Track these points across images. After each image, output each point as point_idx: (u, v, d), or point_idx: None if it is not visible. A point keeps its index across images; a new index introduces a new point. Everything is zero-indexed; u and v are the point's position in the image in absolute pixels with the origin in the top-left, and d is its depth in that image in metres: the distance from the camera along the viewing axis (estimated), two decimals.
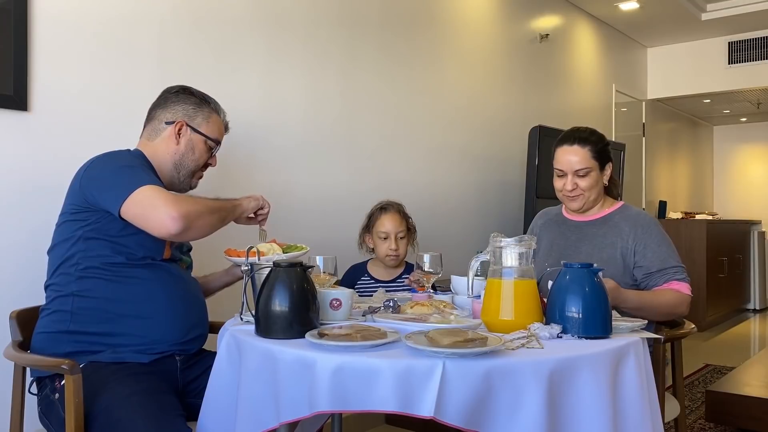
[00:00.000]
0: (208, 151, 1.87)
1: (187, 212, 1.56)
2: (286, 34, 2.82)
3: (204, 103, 1.88)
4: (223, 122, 1.93)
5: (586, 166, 2.08)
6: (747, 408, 2.93)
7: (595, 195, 2.12)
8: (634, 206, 2.19)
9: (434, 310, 1.62)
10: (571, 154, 2.10)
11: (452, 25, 3.82)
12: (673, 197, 7.20)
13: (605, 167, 2.13)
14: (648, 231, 2.05)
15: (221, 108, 1.93)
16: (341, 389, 1.19)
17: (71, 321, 1.62)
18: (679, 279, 1.99)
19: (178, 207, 1.55)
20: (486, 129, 4.12)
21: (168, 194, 1.59)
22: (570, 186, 2.10)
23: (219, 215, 1.71)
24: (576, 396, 1.25)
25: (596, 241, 2.10)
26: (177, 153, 1.81)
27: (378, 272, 2.56)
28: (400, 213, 2.53)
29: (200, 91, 1.90)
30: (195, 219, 1.59)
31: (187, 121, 1.83)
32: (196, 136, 1.83)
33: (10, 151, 1.97)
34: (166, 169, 1.81)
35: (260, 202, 1.88)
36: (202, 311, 1.81)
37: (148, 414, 1.46)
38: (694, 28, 5.81)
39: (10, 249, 1.91)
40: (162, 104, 1.85)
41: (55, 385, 1.61)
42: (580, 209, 2.15)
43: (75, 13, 2.12)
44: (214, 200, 1.74)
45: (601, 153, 2.11)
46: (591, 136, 2.14)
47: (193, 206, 1.60)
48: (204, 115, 1.86)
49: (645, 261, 2.02)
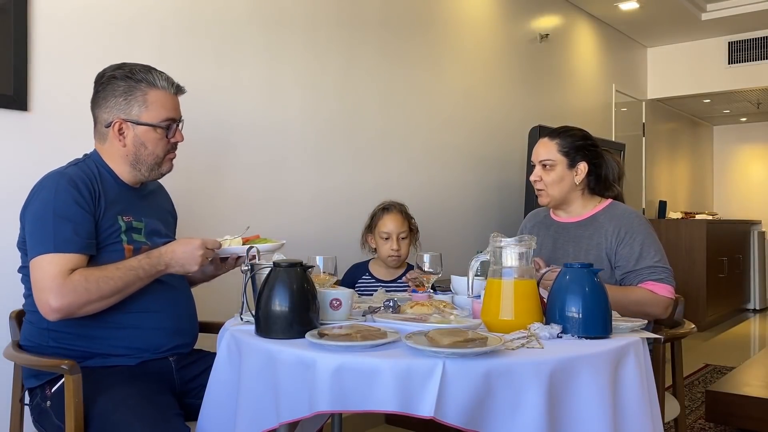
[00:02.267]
0: (164, 136, 1.68)
1: (69, 305, 1.48)
2: (286, 34, 2.82)
3: (133, 84, 1.63)
4: (169, 91, 1.68)
5: (550, 158, 2.09)
6: (747, 408, 2.93)
7: (559, 193, 2.10)
8: (623, 205, 2.16)
9: (434, 310, 1.62)
10: (540, 146, 2.13)
11: (452, 25, 3.82)
12: (673, 197, 7.20)
13: (577, 165, 2.09)
14: (630, 230, 2.02)
15: (158, 75, 1.67)
16: (341, 389, 1.19)
17: (50, 338, 1.61)
18: (655, 279, 1.95)
19: (60, 298, 1.47)
20: (485, 129, 4.12)
21: (59, 279, 1.48)
22: (534, 177, 2.13)
23: (123, 294, 1.55)
24: (576, 396, 1.25)
25: (582, 243, 2.09)
26: (128, 154, 1.66)
27: (379, 272, 2.57)
28: (402, 213, 2.53)
29: (130, 67, 1.66)
30: (78, 308, 1.50)
31: (124, 117, 1.63)
32: (140, 128, 1.64)
33: (10, 151, 1.97)
34: (125, 170, 1.69)
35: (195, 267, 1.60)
36: (186, 314, 1.76)
37: (145, 415, 1.46)
38: (694, 28, 5.81)
39: (10, 249, 1.90)
40: (95, 101, 1.68)
41: (45, 393, 1.60)
42: (547, 206, 2.17)
43: (75, 13, 2.12)
44: (126, 271, 1.55)
45: (573, 149, 2.09)
46: (566, 132, 2.13)
47: (82, 296, 1.49)
48: (138, 101, 1.63)
49: (621, 260, 2.00)
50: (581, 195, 2.14)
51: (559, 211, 2.20)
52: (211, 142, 2.52)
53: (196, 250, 1.59)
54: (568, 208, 2.16)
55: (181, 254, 1.59)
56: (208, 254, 1.63)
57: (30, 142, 2.01)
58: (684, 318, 2.22)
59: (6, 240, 1.91)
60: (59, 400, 1.51)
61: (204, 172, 2.49)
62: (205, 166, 2.50)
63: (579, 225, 2.13)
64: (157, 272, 1.60)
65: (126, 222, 1.66)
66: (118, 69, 1.67)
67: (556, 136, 2.12)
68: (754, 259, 7.10)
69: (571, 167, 2.09)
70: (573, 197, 2.13)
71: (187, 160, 1.83)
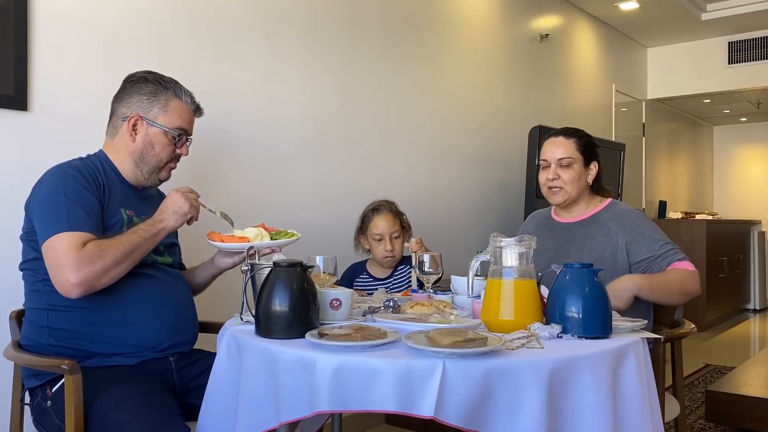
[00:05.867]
0: (172, 143, 1.74)
1: (88, 277, 1.48)
2: (286, 33, 2.82)
3: (161, 89, 1.72)
4: (189, 106, 1.77)
5: (569, 155, 2.11)
6: (747, 408, 2.93)
7: (576, 191, 2.13)
8: (622, 203, 2.20)
9: (434, 310, 1.62)
10: (556, 145, 2.15)
11: (452, 25, 3.82)
12: (673, 197, 7.20)
13: (590, 164, 2.15)
14: (634, 224, 2.06)
15: (184, 90, 1.77)
16: (341, 389, 1.19)
17: (50, 336, 1.61)
18: (680, 259, 2.01)
19: (78, 272, 1.47)
20: (486, 129, 4.12)
21: (74, 252, 1.49)
22: (551, 175, 2.13)
23: (133, 258, 1.57)
24: (576, 396, 1.25)
25: (585, 243, 2.11)
26: (135, 150, 1.71)
27: (376, 270, 2.57)
28: (392, 212, 2.51)
29: (161, 75, 1.75)
30: (97, 279, 1.51)
31: (142, 114, 1.70)
32: (154, 129, 1.70)
33: (10, 151, 1.97)
34: (127, 168, 1.73)
35: (188, 210, 1.66)
36: (185, 312, 1.76)
37: (144, 415, 1.46)
38: (694, 28, 5.81)
39: (9, 249, 1.90)
40: (119, 96, 1.74)
41: (45, 393, 1.60)
42: (562, 204, 2.16)
43: (75, 13, 2.12)
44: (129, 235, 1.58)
45: (586, 148, 2.14)
46: (577, 131, 2.18)
47: (98, 264, 1.50)
48: (161, 104, 1.71)
49: (642, 252, 2.03)
50: (587, 195, 2.18)
51: (561, 211, 2.22)
52: (211, 141, 2.52)
53: (174, 194, 1.66)
54: (573, 208, 2.19)
55: (166, 205, 1.66)
56: (189, 195, 1.67)
57: (30, 142, 2.01)
58: (684, 318, 2.22)
59: (6, 240, 1.91)
60: (59, 400, 1.51)
61: (204, 172, 2.49)
62: (205, 166, 2.50)
63: (581, 225, 2.15)
64: (157, 231, 1.63)
65: (128, 215, 1.68)
66: (149, 73, 1.75)
67: (571, 135, 2.15)
68: (754, 259, 7.10)
69: (586, 166, 2.14)
70: (583, 196, 2.17)
71: (186, 159, 1.84)
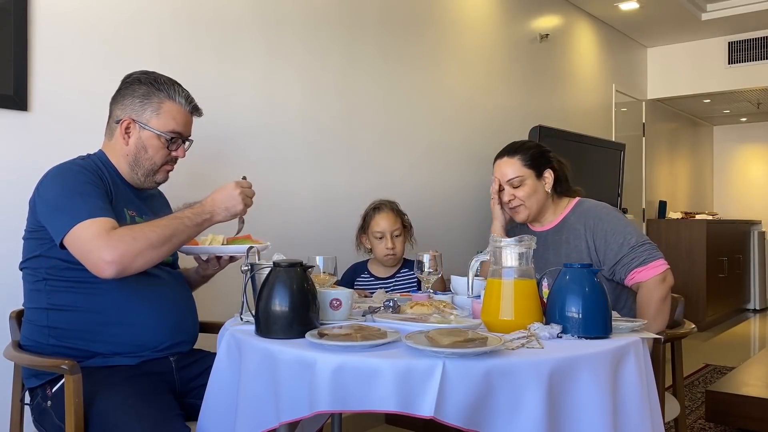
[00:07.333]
0: (165, 146, 1.70)
1: (122, 255, 1.45)
2: (286, 33, 2.82)
3: (153, 91, 1.68)
4: (184, 108, 1.72)
5: (517, 174, 2.14)
6: (747, 408, 2.93)
7: (536, 204, 2.16)
8: (589, 200, 2.20)
9: (434, 310, 1.62)
10: (503, 166, 2.18)
11: (452, 25, 3.82)
12: (673, 197, 7.19)
13: (543, 174, 2.16)
14: (599, 222, 2.07)
15: (179, 91, 1.72)
16: (341, 389, 1.19)
17: (50, 335, 1.61)
18: (638, 265, 1.97)
19: (111, 250, 1.44)
20: (486, 129, 4.12)
21: (103, 233, 1.46)
22: (507, 197, 2.16)
23: (172, 243, 1.54)
24: (576, 396, 1.25)
25: (560, 249, 2.13)
26: (129, 154, 1.69)
27: (378, 270, 2.57)
28: (394, 211, 2.52)
29: (157, 75, 1.72)
30: (132, 259, 1.47)
31: (134, 117, 1.67)
32: (146, 132, 1.67)
33: (10, 151, 1.97)
34: (124, 170, 1.72)
35: (240, 211, 1.65)
36: (185, 311, 1.76)
37: (145, 415, 1.46)
38: (694, 28, 5.81)
39: (9, 248, 1.90)
40: (115, 97, 1.72)
41: (46, 393, 1.60)
42: (527, 220, 2.20)
43: (75, 13, 2.12)
44: (169, 220, 1.56)
45: (534, 160, 2.16)
46: (521, 146, 2.20)
47: (132, 244, 1.47)
48: (153, 106, 1.67)
49: (608, 262, 2.03)
50: (552, 201, 2.20)
51: (533, 222, 2.24)
52: (211, 141, 2.52)
53: (233, 190, 1.64)
54: (542, 218, 2.21)
55: (221, 199, 1.63)
56: (247, 192, 1.65)
57: (30, 142, 2.01)
58: (684, 318, 2.22)
59: (6, 240, 1.91)
60: (60, 400, 1.51)
61: (204, 172, 2.49)
62: (205, 166, 2.50)
63: (554, 231, 2.17)
64: (202, 221, 1.60)
65: (131, 216, 1.68)
66: (144, 74, 1.72)
67: (515, 153, 2.18)
68: (754, 259, 7.10)
69: (539, 177, 2.16)
70: (546, 205, 2.19)
71: (186, 159, 1.84)
